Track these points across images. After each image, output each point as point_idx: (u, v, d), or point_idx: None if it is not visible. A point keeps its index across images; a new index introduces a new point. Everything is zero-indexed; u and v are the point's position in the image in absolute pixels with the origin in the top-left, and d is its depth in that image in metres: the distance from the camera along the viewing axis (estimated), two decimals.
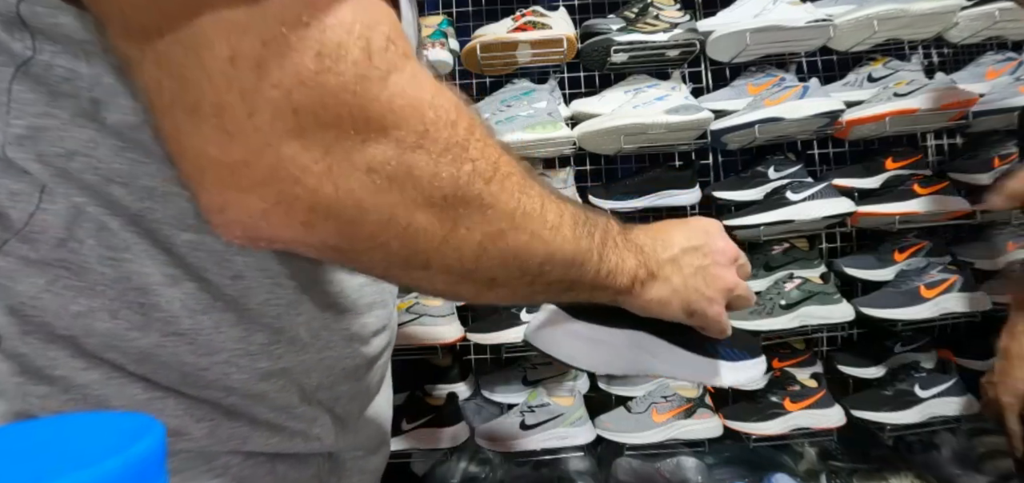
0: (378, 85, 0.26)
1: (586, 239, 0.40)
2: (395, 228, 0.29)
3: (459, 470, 1.34)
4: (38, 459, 0.21)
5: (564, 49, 1.36)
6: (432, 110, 0.30)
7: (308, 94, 0.25)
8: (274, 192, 0.26)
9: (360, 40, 0.26)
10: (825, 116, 1.29)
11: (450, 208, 0.31)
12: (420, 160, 0.29)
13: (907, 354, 1.36)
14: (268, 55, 0.24)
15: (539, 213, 0.35)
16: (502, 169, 0.33)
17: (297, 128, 0.25)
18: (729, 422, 1.32)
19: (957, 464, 1.29)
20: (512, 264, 0.35)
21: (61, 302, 0.34)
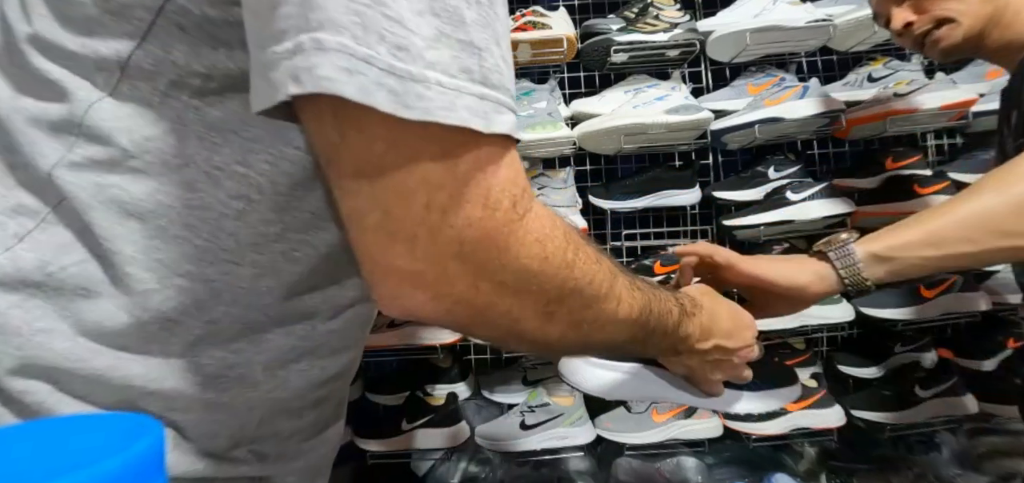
0: (519, 226, 0.37)
1: (657, 319, 0.53)
2: (509, 319, 0.40)
3: (459, 470, 1.34)
4: (38, 459, 0.21)
5: (564, 49, 1.36)
6: (551, 242, 0.39)
7: (473, 232, 0.35)
8: (435, 292, 0.37)
9: (509, 194, 0.36)
10: (825, 116, 1.29)
11: (552, 308, 0.42)
12: (539, 278, 0.39)
13: (907, 354, 1.36)
14: (451, 205, 0.34)
15: (615, 308, 0.47)
16: (595, 277, 0.44)
17: (460, 254, 0.36)
18: (729, 422, 1.32)
19: (957, 464, 1.29)
20: (588, 344, 0.50)
21: (27, 318, 0.38)
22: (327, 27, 0.29)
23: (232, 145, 0.39)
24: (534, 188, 1.37)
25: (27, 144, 0.39)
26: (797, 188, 1.32)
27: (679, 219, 1.52)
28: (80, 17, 0.37)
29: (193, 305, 0.41)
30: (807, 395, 1.30)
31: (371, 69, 0.30)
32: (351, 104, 0.30)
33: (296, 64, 0.30)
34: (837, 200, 1.31)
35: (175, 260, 0.40)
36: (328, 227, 0.44)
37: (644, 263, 1.39)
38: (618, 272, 0.48)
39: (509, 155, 0.36)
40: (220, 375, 0.43)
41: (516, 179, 0.37)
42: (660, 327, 0.53)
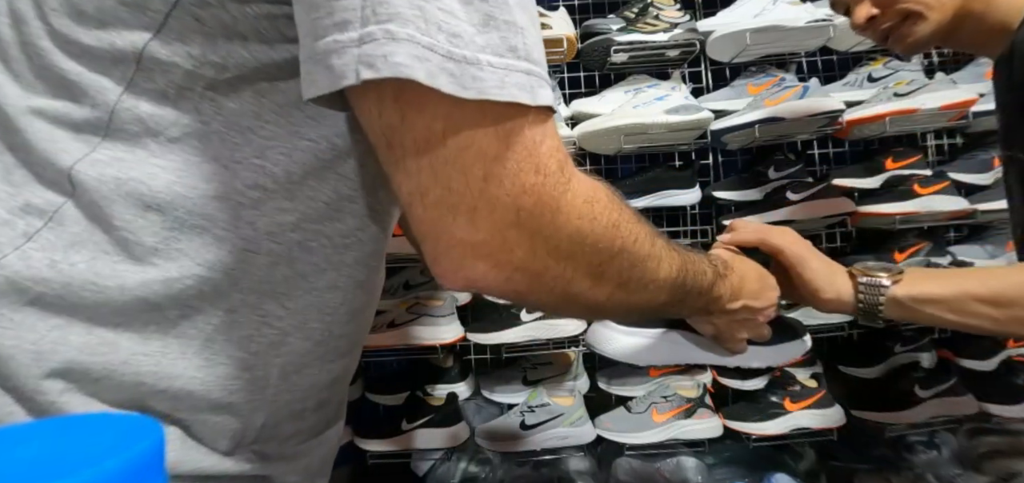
0: (568, 190, 0.39)
1: (693, 279, 0.55)
2: (563, 282, 0.43)
3: (459, 470, 1.34)
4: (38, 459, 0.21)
5: (564, 49, 1.36)
6: (598, 203, 0.42)
7: (528, 199, 0.38)
8: (496, 260, 0.39)
9: (555, 159, 0.38)
10: (825, 116, 1.29)
11: (603, 268, 0.44)
12: (590, 238, 0.42)
13: (907, 354, 1.36)
14: (506, 174, 0.37)
15: (656, 268, 0.49)
16: (639, 237, 0.46)
17: (517, 221, 0.38)
18: (729, 422, 1.32)
19: (957, 464, 1.29)
20: (632, 305, 0.50)
21: (41, 314, 0.39)
22: (396, 20, 0.32)
23: (248, 137, 0.40)
24: None
25: (45, 142, 0.39)
26: (797, 188, 1.32)
27: (679, 219, 1.52)
28: (94, 10, 0.38)
29: (213, 292, 0.42)
30: (807, 395, 1.30)
31: (434, 56, 0.33)
32: (414, 87, 0.33)
33: (367, 51, 0.32)
34: (837, 200, 1.31)
35: (196, 249, 0.40)
36: (342, 218, 0.46)
37: None
38: (656, 233, 0.50)
39: (550, 125, 0.39)
40: (235, 376, 0.44)
41: (559, 146, 0.40)
42: (695, 287, 0.55)
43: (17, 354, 0.38)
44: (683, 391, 1.33)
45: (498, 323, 1.33)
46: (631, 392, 1.37)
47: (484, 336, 1.32)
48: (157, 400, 0.42)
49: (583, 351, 1.42)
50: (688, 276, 0.54)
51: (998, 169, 1.31)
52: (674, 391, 1.33)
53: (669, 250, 0.51)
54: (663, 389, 1.33)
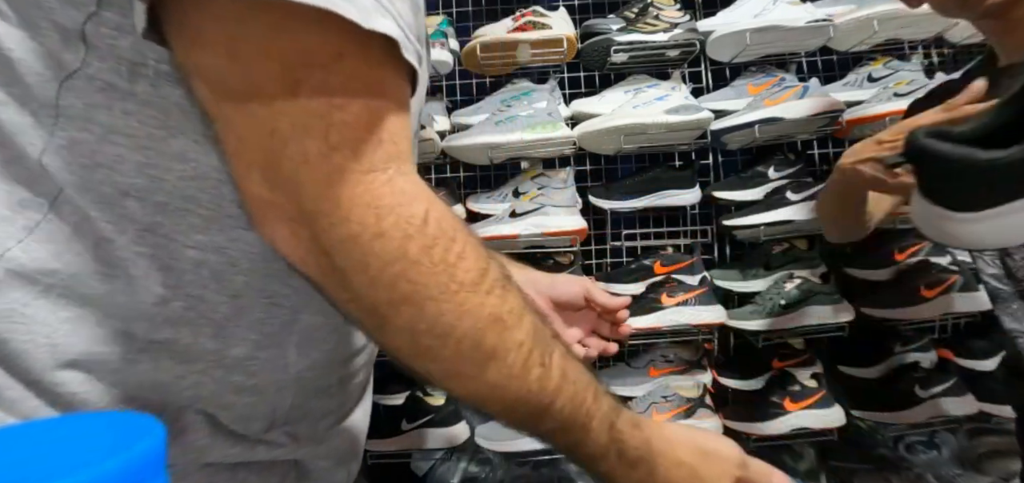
0: (357, 181, 0.32)
1: (562, 412, 0.40)
2: (345, 298, 0.36)
3: (459, 470, 1.34)
4: (38, 459, 0.21)
5: (564, 49, 1.36)
6: (393, 216, 0.34)
7: (308, 173, 0.32)
8: (292, 230, 0.34)
9: (354, 136, 0.32)
10: (825, 116, 1.29)
11: (382, 308, 0.36)
12: (364, 255, 0.34)
13: (907, 354, 1.36)
14: (291, 134, 0.32)
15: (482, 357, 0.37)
16: (482, 307, 0.36)
17: (299, 193, 0.33)
18: (729, 422, 1.32)
19: (957, 464, 1.29)
20: (439, 381, 0.39)
21: (52, 307, 0.37)
22: None
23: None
24: (533, 188, 1.37)
25: (14, 133, 0.37)
26: (797, 188, 1.32)
27: (679, 219, 1.52)
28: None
29: (211, 277, 0.40)
30: (807, 395, 1.30)
31: None
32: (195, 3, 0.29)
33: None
34: None
35: (183, 232, 0.39)
36: None
37: (644, 263, 1.40)
38: (542, 337, 0.39)
39: (375, 90, 0.33)
40: (251, 357, 0.42)
41: (373, 123, 0.33)
42: (561, 423, 0.41)
43: (32, 348, 0.37)
44: (683, 391, 1.33)
45: None
46: (631, 392, 1.36)
47: None
48: (181, 389, 0.41)
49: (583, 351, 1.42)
50: (560, 403, 0.39)
51: None
52: (674, 391, 1.33)
53: (558, 361, 0.39)
54: (663, 389, 1.33)
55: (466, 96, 1.53)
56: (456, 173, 1.52)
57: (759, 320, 1.30)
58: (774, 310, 1.30)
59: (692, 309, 1.30)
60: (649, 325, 1.30)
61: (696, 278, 1.35)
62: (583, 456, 0.42)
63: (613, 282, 1.39)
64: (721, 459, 0.46)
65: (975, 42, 1.45)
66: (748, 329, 1.33)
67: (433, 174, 1.51)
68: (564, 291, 0.75)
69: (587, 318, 0.78)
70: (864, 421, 1.32)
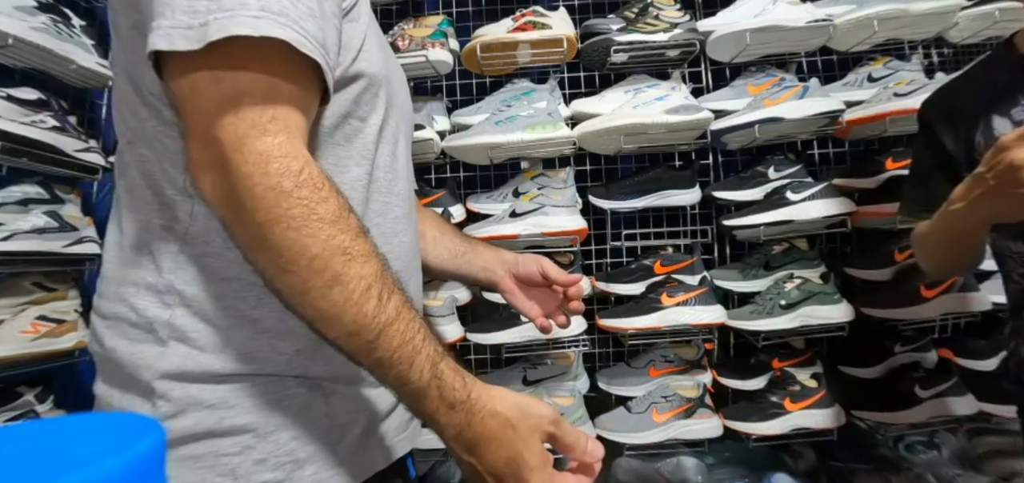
0: (259, 139, 0.47)
1: (401, 352, 0.49)
2: (242, 232, 0.49)
3: (459, 470, 1.34)
4: (38, 459, 0.21)
5: (564, 49, 1.36)
6: (276, 165, 0.46)
7: (222, 132, 0.47)
8: (211, 180, 0.48)
9: (244, 97, 0.47)
10: (825, 116, 1.29)
11: (261, 233, 0.47)
12: (256, 190, 0.46)
13: (907, 354, 1.36)
14: (218, 113, 0.47)
15: (344, 284, 0.48)
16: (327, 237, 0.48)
17: (207, 140, 0.48)
18: (729, 422, 1.32)
19: (957, 464, 1.29)
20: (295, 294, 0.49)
21: (241, 292, 0.55)
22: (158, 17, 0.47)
23: None
24: (533, 188, 1.37)
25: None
26: (797, 188, 1.32)
27: (679, 219, 1.52)
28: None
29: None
30: (807, 395, 1.30)
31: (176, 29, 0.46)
32: (164, 54, 0.47)
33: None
34: (837, 200, 1.31)
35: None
36: (351, 170, 0.58)
37: (644, 263, 1.40)
38: (394, 289, 0.50)
39: (271, 83, 0.47)
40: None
41: (268, 102, 0.47)
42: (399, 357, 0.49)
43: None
44: (683, 391, 1.33)
45: (498, 323, 1.33)
46: (631, 392, 1.37)
47: (484, 336, 1.32)
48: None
49: (583, 351, 1.42)
50: (389, 334, 0.49)
51: None
52: (674, 391, 1.33)
53: (396, 301, 0.49)
54: (663, 389, 1.33)
55: (466, 96, 1.53)
56: (456, 173, 1.52)
57: (759, 320, 1.30)
58: (774, 310, 1.30)
59: (692, 309, 1.30)
60: (649, 325, 1.30)
61: (696, 278, 1.35)
62: (408, 394, 0.50)
63: (613, 282, 1.39)
64: (536, 415, 0.52)
65: (974, 42, 1.45)
66: (748, 329, 1.33)
67: (433, 174, 1.51)
68: (524, 268, 0.89)
69: (548, 296, 0.91)
70: (864, 421, 1.32)
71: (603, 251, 1.52)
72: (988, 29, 1.35)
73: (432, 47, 1.33)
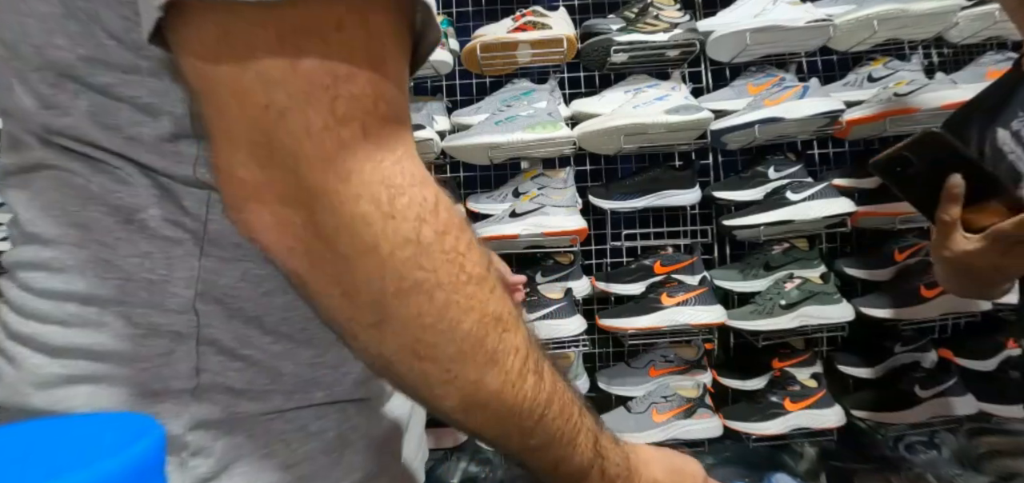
0: (368, 158, 0.31)
1: (555, 425, 0.38)
2: (336, 293, 0.33)
3: (459, 470, 1.34)
4: (38, 459, 0.21)
5: (564, 49, 1.36)
6: (404, 198, 0.31)
7: (310, 146, 0.30)
8: (278, 216, 0.31)
9: (363, 108, 0.30)
10: (825, 116, 1.29)
11: (385, 300, 0.32)
12: (376, 238, 0.31)
13: (907, 354, 1.36)
14: (290, 106, 0.29)
15: (495, 357, 0.35)
16: (477, 299, 0.34)
17: (297, 171, 0.30)
18: (729, 422, 1.32)
19: (957, 464, 1.29)
20: (431, 394, 0.36)
21: (252, 287, 0.39)
22: None
23: None
24: (533, 188, 1.37)
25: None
26: (797, 188, 1.32)
27: (679, 219, 1.52)
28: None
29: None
30: (807, 395, 1.30)
31: None
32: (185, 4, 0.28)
33: None
34: (837, 200, 1.31)
35: None
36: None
37: (644, 263, 1.40)
38: (536, 344, 0.38)
39: (378, 63, 0.31)
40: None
41: (380, 97, 0.31)
42: (554, 437, 0.38)
43: None
44: (683, 391, 1.33)
45: None
46: (631, 392, 1.37)
47: None
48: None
49: (583, 351, 1.42)
50: (551, 415, 0.37)
51: None
52: (674, 391, 1.33)
53: (549, 371, 0.38)
54: (663, 389, 1.33)
55: (466, 96, 1.53)
56: (456, 173, 1.52)
57: (759, 320, 1.30)
58: (774, 310, 1.30)
59: (692, 309, 1.30)
60: (649, 325, 1.30)
61: (696, 278, 1.35)
62: (564, 475, 0.40)
63: (613, 282, 1.39)
64: (690, 475, 0.47)
65: (974, 42, 1.45)
66: (748, 329, 1.33)
67: (433, 174, 1.51)
68: None
69: None
70: (864, 421, 1.32)
71: (603, 251, 1.52)
72: (988, 29, 1.35)
73: None
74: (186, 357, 0.37)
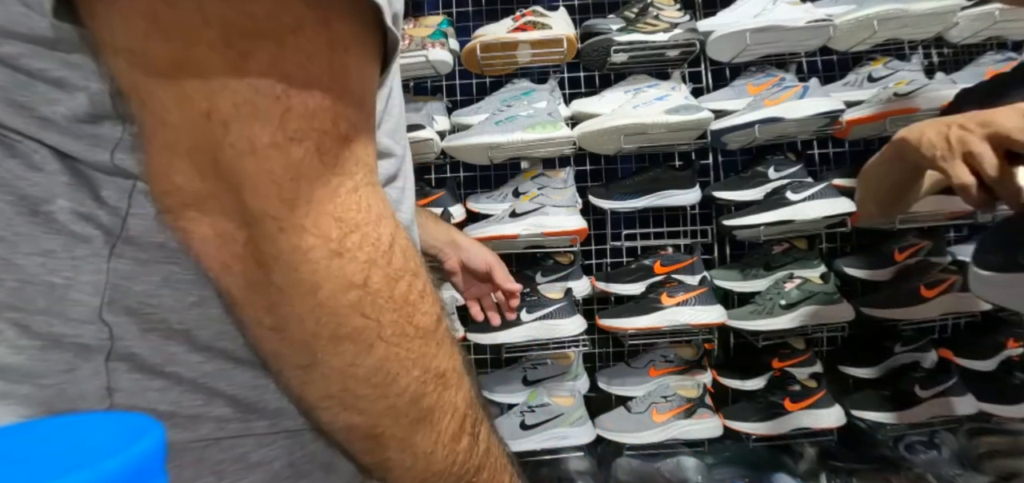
0: (318, 183, 0.27)
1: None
2: (268, 327, 0.30)
3: None
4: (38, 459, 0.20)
5: (564, 49, 1.36)
6: (356, 236, 0.29)
7: (253, 165, 0.26)
8: (217, 229, 0.28)
9: (319, 126, 0.27)
10: (825, 116, 1.29)
11: (319, 344, 0.30)
12: (314, 276, 0.28)
13: (907, 354, 1.36)
14: (234, 117, 0.26)
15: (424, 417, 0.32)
16: (421, 355, 0.32)
17: (239, 189, 0.27)
18: (729, 422, 1.32)
19: (957, 464, 1.29)
20: (356, 448, 0.34)
21: (178, 296, 0.33)
22: None
23: None
24: (533, 188, 1.37)
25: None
26: (797, 188, 1.32)
27: (679, 219, 1.52)
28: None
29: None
30: (807, 395, 1.30)
31: None
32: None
33: None
34: (837, 200, 1.31)
35: None
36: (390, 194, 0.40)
37: (644, 263, 1.40)
38: (475, 403, 0.35)
39: (340, 75, 0.27)
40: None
41: (339, 115, 0.27)
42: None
43: None
44: (683, 391, 1.33)
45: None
46: (631, 392, 1.37)
47: (484, 336, 1.32)
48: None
49: (583, 351, 1.42)
50: (481, 477, 0.35)
51: None
52: (674, 391, 1.33)
53: (486, 433, 0.35)
54: (663, 389, 1.33)
55: (466, 96, 1.53)
56: (456, 173, 1.52)
57: (759, 320, 1.30)
58: (774, 310, 1.30)
59: (692, 309, 1.30)
60: (649, 325, 1.30)
61: (696, 278, 1.35)
62: None
63: (613, 282, 1.39)
64: None
65: (974, 42, 1.45)
66: (748, 329, 1.33)
67: (433, 174, 1.51)
68: (474, 259, 0.88)
69: (483, 289, 0.93)
70: (864, 421, 1.32)
71: (603, 251, 1.52)
72: (988, 29, 1.35)
73: (432, 47, 1.33)
74: (94, 374, 0.31)
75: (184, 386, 0.33)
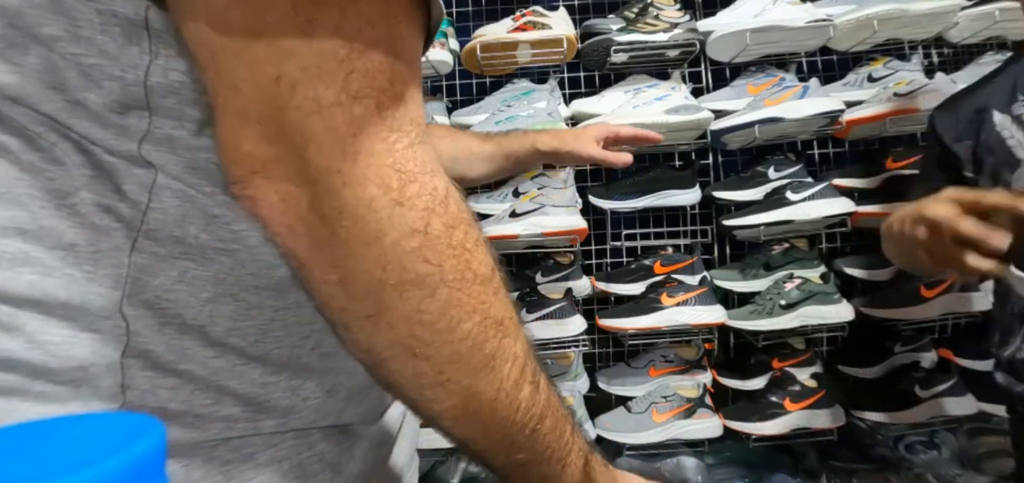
0: (377, 139, 0.29)
1: (546, 437, 0.36)
2: (335, 282, 0.31)
3: (459, 470, 1.34)
4: (38, 459, 0.20)
5: (564, 49, 1.36)
6: (414, 185, 0.30)
7: (319, 122, 0.28)
8: (284, 194, 0.30)
9: (377, 87, 0.29)
10: (825, 116, 1.29)
11: (385, 293, 0.31)
12: (379, 225, 0.30)
13: (907, 354, 1.36)
14: (301, 79, 0.28)
15: (491, 363, 0.33)
16: (478, 303, 0.33)
17: (304, 148, 0.29)
18: (729, 422, 1.32)
19: (957, 464, 1.29)
20: (421, 396, 0.34)
21: (192, 291, 0.33)
22: None
23: None
24: (533, 188, 1.37)
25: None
26: (797, 188, 1.32)
27: (679, 219, 1.52)
28: None
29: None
30: (807, 395, 1.30)
31: None
32: None
33: None
34: (837, 200, 1.31)
35: None
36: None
37: (644, 263, 1.40)
38: (533, 354, 0.35)
39: (394, 41, 0.29)
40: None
41: (395, 77, 0.29)
42: (543, 449, 0.36)
43: None
44: (683, 391, 1.33)
45: None
46: (631, 392, 1.36)
47: None
48: (308, 347, 0.38)
49: (583, 351, 1.42)
50: (543, 431, 0.35)
51: None
52: (674, 391, 1.33)
53: (545, 384, 0.36)
54: (663, 389, 1.33)
55: (466, 96, 1.53)
56: None
57: (759, 320, 1.30)
58: (774, 310, 1.30)
59: (692, 309, 1.30)
60: (649, 325, 1.30)
61: (696, 278, 1.35)
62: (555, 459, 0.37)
63: (613, 282, 1.39)
64: None
65: (974, 42, 1.45)
66: (748, 329, 1.33)
67: None
68: (585, 149, 1.00)
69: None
70: (864, 421, 1.32)
71: (603, 251, 1.52)
72: (988, 29, 1.35)
73: (432, 47, 1.33)
74: (109, 371, 0.32)
75: (195, 384, 0.34)
